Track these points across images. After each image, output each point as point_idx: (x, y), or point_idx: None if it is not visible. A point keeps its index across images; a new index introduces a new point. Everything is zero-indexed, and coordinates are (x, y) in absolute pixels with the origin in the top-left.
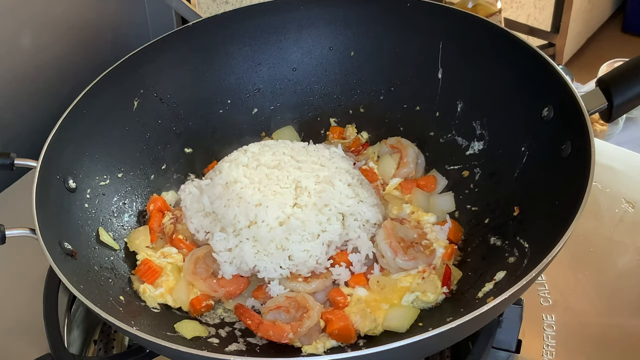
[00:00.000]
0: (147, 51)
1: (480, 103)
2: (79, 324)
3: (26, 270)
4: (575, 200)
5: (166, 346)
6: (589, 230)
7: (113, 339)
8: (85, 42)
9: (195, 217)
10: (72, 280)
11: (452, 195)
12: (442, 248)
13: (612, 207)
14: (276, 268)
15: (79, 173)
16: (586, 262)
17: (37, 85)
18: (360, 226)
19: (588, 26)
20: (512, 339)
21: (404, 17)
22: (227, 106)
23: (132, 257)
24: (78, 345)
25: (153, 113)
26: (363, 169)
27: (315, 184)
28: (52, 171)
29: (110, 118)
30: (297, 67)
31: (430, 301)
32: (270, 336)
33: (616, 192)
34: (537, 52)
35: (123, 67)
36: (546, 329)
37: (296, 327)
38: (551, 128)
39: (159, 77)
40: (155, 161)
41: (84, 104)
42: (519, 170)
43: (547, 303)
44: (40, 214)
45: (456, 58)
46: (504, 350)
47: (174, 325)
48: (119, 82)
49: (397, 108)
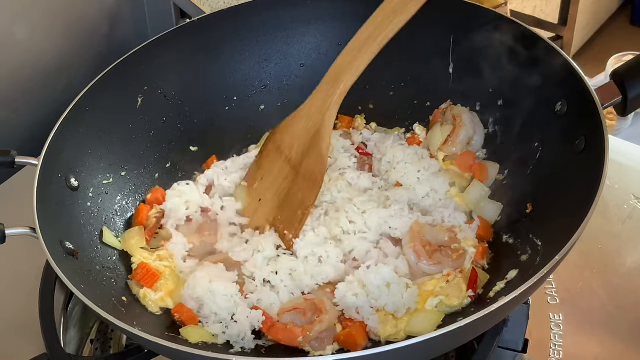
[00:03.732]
0: (151, 47)
1: (492, 98)
2: (75, 323)
3: (22, 269)
4: (588, 197)
5: (171, 347)
6: (597, 228)
7: (110, 339)
8: (82, 37)
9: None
10: (74, 280)
11: (501, 207)
12: (472, 248)
13: (621, 204)
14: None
15: (82, 171)
16: (594, 260)
17: (33, 81)
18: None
19: (596, 18)
20: (519, 338)
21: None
22: (233, 103)
23: (129, 259)
24: (74, 345)
25: (157, 110)
26: (409, 137)
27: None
28: (53, 169)
29: (113, 115)
30: (304, 63)
31: (455, 305)
32: (280, 340)
33: (625, 188)
34: (551, 45)
35: (126, 64)
36: (553, 328)
37: (306, 331)
38: (564, 123)
39: (164, 74)
40: (159, 159)
41: (87, 101)
42: (532, 167)
43: (555, 302)
44: (41, 212)
45: (467, 52)
46: (511, 350)
47: (180, 330)
48: (123, 78)
49: (407, 104)
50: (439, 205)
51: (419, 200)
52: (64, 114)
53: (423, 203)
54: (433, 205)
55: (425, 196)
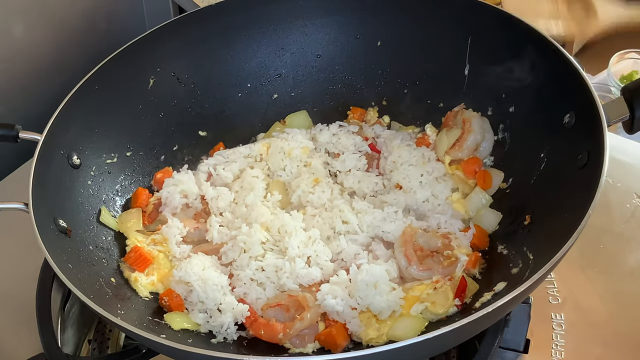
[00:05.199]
0: (168, 29)
1: (504, 103)
2: (72, 323)
3: (19, 268)
4: (577, 218)
5: (144, 336)
6: (599, 227)
7: (108, 339)
8: (79, 33)
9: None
10: (60, 258)
11: (500, 216)
12: (465, 256)
13: (623, 203)
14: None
15: (85, 149)
16: (596, 259)
17: (30, 77)
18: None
19: None
20: (520, 338)
21: (433, 8)
22: (246, 90)
23: (123, 241)
24: (72, 345)
25: (169, 92)
26: (419, 137)
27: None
28: (56, 145)
29: (123, 95)
30: (321, 54)
31: (440, 313)
32: (261, 335)
33: (627, 186)
34: (565, 55)
35: (141, 44)
36: (555, 328)
37: (287, 328)
38: (571, 136)
39: (178, 56)
40: (166, 142)
41: (97, 79)
42: (535, 178)
43: (556, 301)
44: (38, 188)
45: (484, 55)
46: (512, 350)
47: (164, 315)
48: (136, 58)
49: (420, 103)
50: (436, 211)
51: (418, 204)
52: (72, 91)
53: (422, 207)
54: (431, 210)
55: (425, 201)
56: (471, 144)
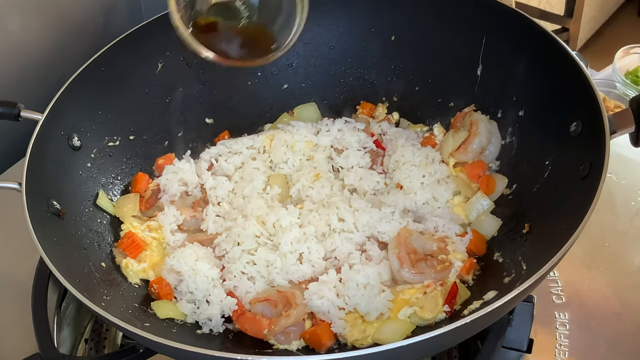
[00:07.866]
0: None
1: (515, 106)
2: (69, 322)
3: (15, 268)
4: (569, 231)
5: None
6: (603, 225)
7: (105, 338)
8: (76, 27)
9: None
10: (50, 239)
11: (500, 223)
12: (459, 262)
13: (628, 200)
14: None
15: (87, 131)
16: (600, 258)
17: (26, 72)
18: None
19: (603, 10)
20: (523, 338)
21: (451, 5)
22: (256, 78)
23: (118, 226)
24: (68, 345)
25: (177, 77)
26: (425, 137)
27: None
28: (56, 126)
29: (130, 78)
30: (334, 45)
31: (428, 319)
32: (246, 330)
33: (632, 183)
34: (577, 62)
35: (151, 27)
36: (559, 328)
37: (272, 324)
38: (577, 144)
39: None
40: (171, 127)
41: (104, 61)
42: (538, 185)
43: (560, 300)
44: (35, 169)
45: (498, 55)
46: (515, 350)
47: (152, 303)
48: (145, 42)
49: (431, 101)
50: (435, 214)
51: (417, 206)
52: (77, 71)
53: (421, 210)
54: (430, 213)
55: (425, 203)
56: (476, 147)
